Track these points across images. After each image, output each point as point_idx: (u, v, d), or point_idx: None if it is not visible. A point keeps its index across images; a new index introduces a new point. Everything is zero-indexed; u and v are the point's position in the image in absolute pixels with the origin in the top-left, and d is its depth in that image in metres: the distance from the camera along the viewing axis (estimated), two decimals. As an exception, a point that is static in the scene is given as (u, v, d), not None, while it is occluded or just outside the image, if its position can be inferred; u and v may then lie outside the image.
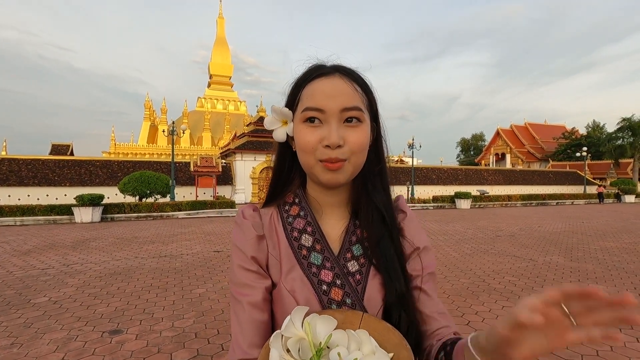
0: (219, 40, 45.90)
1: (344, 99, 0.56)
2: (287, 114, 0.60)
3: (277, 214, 0.64)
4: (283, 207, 0.65)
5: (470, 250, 6.99)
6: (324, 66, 0.61)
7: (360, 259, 0.60)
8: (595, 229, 10.28)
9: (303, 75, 0.61)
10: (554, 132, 47.45)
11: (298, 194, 0.65)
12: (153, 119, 39.17)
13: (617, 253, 6.70)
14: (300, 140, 0.58)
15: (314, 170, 0.58)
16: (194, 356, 2.65)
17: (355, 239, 0.62)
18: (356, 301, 0.57)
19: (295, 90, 0.61)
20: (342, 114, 0.56)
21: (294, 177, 0.67)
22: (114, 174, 20.10)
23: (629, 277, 4.95)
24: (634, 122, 32.86)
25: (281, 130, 0.61)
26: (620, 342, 0.36)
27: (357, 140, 0.56)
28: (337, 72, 0.59)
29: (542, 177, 31.58)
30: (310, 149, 0.56)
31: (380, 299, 0.58)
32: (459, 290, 4.32)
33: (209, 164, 20.50)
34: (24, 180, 18.02)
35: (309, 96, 0.57)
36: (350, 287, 0.58)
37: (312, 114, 0.56)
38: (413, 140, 22.89)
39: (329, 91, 0.57)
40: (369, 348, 0.47)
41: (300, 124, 0.58)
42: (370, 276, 0.59)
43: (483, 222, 12.30)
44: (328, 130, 0.55)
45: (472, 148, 62.47)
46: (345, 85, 0.58)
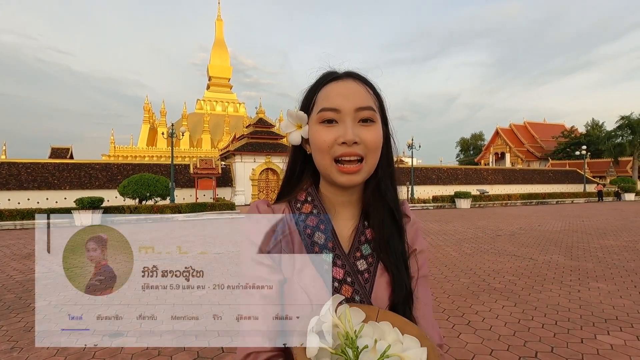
0: (218, 42, 45.95)
1: (358, 99, 0.60)
2: (302, 117, 0.63)
3: (289, 211, 0.66)
4: (295, 204, 0.67)
5: (471, 249, 6.99)
6: (336, 72, 0.65)
7: (369, 258, 0.63)
8: (595, 228, 10.28)
9: (317, 80, 0.65)
10: (553, 131, 47.48)
11: (311, 192, 0.67)
12: (152, 121, 39.16)
13: (617, 251, 6.71)
14: (316, 139, 0.60)
15: (329, 171, 0.60)
16: (194, 358, 2.65)
17: (364, 239, 0.64)
18: (364, 298, 0.60)
19: (310, 94, 0.64)
20: (357, 114, 0.59)
21: (305, 178, 0.69)
22: (113, 176, 20.09)
23: (629, 275, 4.96)
24: (633, 120, 32.88)
25: (296, 133, 0.64)
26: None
27: (372, 139, 0.59)
28: (350, 77, 0.63)
29: (541, 176, 31.59)
30: (326, 148, 0.59)
31: (387, 297, 0.61)
32: (459, 289, 4.32)
33: (209, 166, 20.50)
34: (23, 184, 18.00)
35: (324, 98, 0.61)
36: (359, 285, 0.60)
37: (328, 114, 0.59)
38: (412, 141, 22.90)
39: (344, 92, 0.60)
40: (393, 337, 0.49)
41: (316, 124, 0.61)
42: (377, 275, 0.62)
43: (483, 221, 12.31)
44: (344, 129, 0.58)
45: (472, 148, 62.48)
46: (359, 87, 0.61)
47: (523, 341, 2.88)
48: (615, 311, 3.57)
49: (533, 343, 2.85)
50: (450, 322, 3.29)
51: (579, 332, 3.06)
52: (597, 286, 4.46)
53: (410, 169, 23.56)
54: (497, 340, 2.89)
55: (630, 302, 3.83)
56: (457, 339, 2.94)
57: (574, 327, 3.18)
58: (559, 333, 3.04)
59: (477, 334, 3.03)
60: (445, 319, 3.37)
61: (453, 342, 2.86)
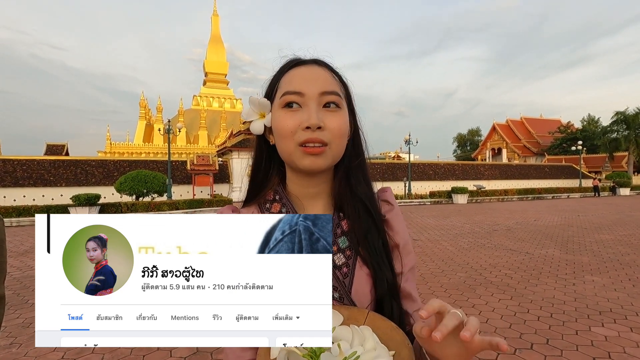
0: (214, 37, 45.55)
1: (323, 83, 0.57)
2: (265, 105, 0.60)
3: (259, 213, 0.64)
4: (264, 205, 0.64)
5: (467, 244, 7.04)
6: (301, 58, 0.62)
7: (347, 251, 0.60)
8: (591, 222, 10.38)
9: (282, 66, 0.62)
10: (549, 126, 47.67)
11: (278, 190, 0.65)
12: (149, 117, 38.90)
13: (612, 245, 6.78)
14: (279, 125, 0.57)
15: (293, 156, 0.57)
16: (193, 352, 2.66)
17: (340, 232, 0.61)
18: (344, 295, 0.57)
19: (274, 80, 0.61)
20: (321, 98, 0.57)
21: (272, 175, 0.66)
22: (110, 173, 19.99)
23: (623, 269, 5.02)
24: (628, 115, 33.04)
25: (258, 122, 0.61)
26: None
27: (337, 125, 0.56)
28: (315, 63, 0.61)
29: (538, 171, 31.76)
30: (289, 133, 0.56)
31: (368, 292, 0.58)
32: (457, 284, 4.36)
33: (206, 162, 20.44)
34: (19, 181, 17.87)
35: (288, 82, 0.58)
36: (337, 281, 0.58)
37: (291, 97, 0.56)
38: (410, 136, 22.92)
39: (308, 76, 0.58)
40: (371, 344, 0.47)
41: (279, 110, 0.58)
42: (356, 269, 0.59)
43: (480, 216, 12.38)
44: (307, 113, 0.55)
45: (469, 143, 62.65)
46: (324, 72, 0.59)
47: (519, 333, 2.92)
48: (609, 304, 3.62)
49: (529, 335, 2.89)
50: (447, 316, 3.32)
51: (574, 324, 3.11)
52: (592, 279, 4.52)
53: (407, 164, 23.60)
54: (494, 333, 2.93)
55: (624, 295, 3.89)
56: (454, 332, 2.97)
57: (569, 319, 3.22)
58: (554, 325, 3.08)
59: (473, 327, 3.07)
60: (442, 313, 3.41)
61: (450, 336, 2.90)
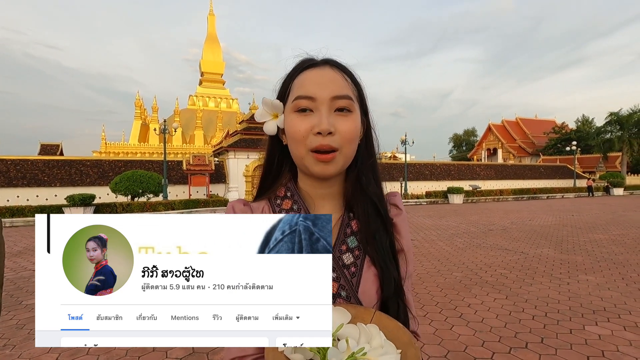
0: (210, 37, 45.37)
1: (335, 88, 0.57)
2: (278, 106, 0.60)
3: (268, 208, 0.64)
4: (275, 200, 0.65)
5: (463, 244, 7.08)
6: (314, 59, 0.62)
7: (355, 251, 0.61)
8: (585, 222, 10.47)
9: (294, 67, 0.62)
10: (544, 126, 48.04)
11: (290, 187, 0.65)
12: (144, 117, 38.66)
13: (605, 245, 6.85)
14: (291, 129, 0.58)
15: (304, 161, 0.58)
16: (189, 353, 2.65)
17: (350, 231, 0.62)
18: (351, 294, 0.57)
19: (286, 82, 0.62)
20: (333, 103, 0.57)
21: (284, 172, 0.67)
22: (105, 173, 19.83)
23: (617, 268, 5.07)
24: (621, 116, 33.39)
25: (272, 123, 0.62)
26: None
27: (348, 129, 0.57)
28: (327, 64, 0.60)
29: (533, 172, 32.00)
30: (301, 138, 0.56)
31: (374, 292, 0.59)
32: (452, 283, 4.38)
33: (202, 163, 20.35)
34: (12, 181, 17.68)
35: (300, 86, 0.58)
36: (345, 280, 0.58)
37: (303, 102, 0.57)
38: (406, 137, 22.99)
39: (320, 80, 0.57)
40: (378, 342, 0.48)
41: (291, 113, 0.58)
42: (364, 269, 0.60)
43: (475, 216, 12.45)
44: (319, 118, 0.55)
45: (464, 144, 62.95)
46: (336, 74, 0.59)
47: (514, 332, 2.95)
48: (603, 303, 3.66)
49: (523, 334, 2.91)
50: (443, 314, 3.34)
51: (568, 323, 3.14)
52: (586, 279, 4.56)
53: (403, 164, 23.67)
54: (489, 332, 2.95)
55: (618, 294, 3.93)
56: (449, 331, 2.99)
57: (563, 318, 3.25)
58: (548, 324, 3.11)
59: (469, 326, 3.08)
60: (438, 311, 3.42)
61: (446, 334, 2.91)
